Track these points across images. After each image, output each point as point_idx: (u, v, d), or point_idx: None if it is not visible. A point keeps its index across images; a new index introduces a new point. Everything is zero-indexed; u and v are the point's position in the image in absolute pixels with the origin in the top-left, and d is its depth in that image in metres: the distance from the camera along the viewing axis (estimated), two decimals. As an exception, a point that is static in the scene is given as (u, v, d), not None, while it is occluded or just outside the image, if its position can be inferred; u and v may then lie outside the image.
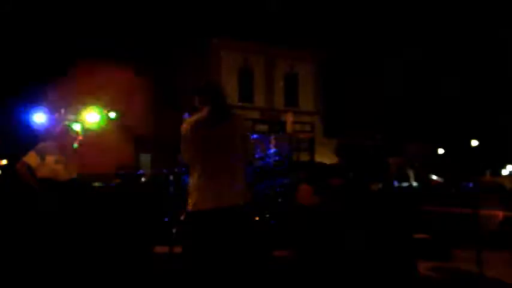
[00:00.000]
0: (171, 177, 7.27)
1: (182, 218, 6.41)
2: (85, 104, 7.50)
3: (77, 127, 5.31)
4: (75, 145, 5.28)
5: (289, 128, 9.51)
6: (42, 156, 4.91)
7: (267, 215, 6.96)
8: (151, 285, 4.64)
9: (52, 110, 7.36)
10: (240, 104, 23.42)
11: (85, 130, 5.41)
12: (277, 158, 8.88)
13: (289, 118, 9.96)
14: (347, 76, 27.13)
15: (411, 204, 5.82)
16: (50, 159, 4.94)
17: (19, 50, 20.49)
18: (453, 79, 28.89)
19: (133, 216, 5.68)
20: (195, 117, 3.15)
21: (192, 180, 3.09)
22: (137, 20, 23.22)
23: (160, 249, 5.50)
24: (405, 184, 7.15)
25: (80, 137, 5.34)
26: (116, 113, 7.60)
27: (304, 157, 22.81)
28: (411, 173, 7.40)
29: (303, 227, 5.45)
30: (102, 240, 4.95)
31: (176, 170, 7.79)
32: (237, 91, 23.65)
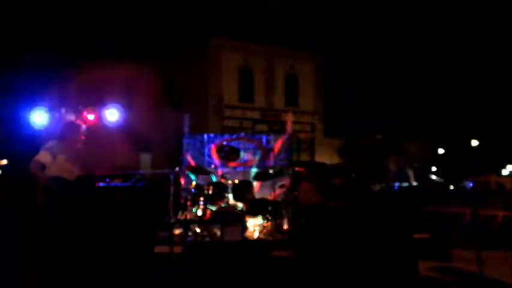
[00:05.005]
0: (172, 177, 7.27)
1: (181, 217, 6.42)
2: (85, 104, 7.48)
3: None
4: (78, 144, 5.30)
5: (289, 128, 9.50)
6: (53, 154, 4.95)
7: (267, 215, 6.97)
8: (151, 285, 4.64)
9: (52, 109, 7.35)
10: (240, 104, 23.44)
11: (85, 130, 5.42)
12: (277, 157, 8.90)
13: (289, 118, 9.94)
14: (347, 76, 27.14)
15: (411, 204, 5.82)
16: (60, 157, 4.99)
17: (19, 49, 20.50)
18: (453, 79, 28.90)
19: (134, 216, 5.68)
20: None
21: None
22: (138, 20, 23.25)
23: (160, 249, 5.50)
24: (405, 184, 7.15)
25: (82, 137, 5.36)
26: (116, 112, 7.58)
27: (304, 157, 22.83)
28: (411, 173, 7.40)
29: (303, 226, 5.45)
30: (105, 240, 4.96)
31: (177, 169, 7.79)
32: (237, 91, 23.67)
